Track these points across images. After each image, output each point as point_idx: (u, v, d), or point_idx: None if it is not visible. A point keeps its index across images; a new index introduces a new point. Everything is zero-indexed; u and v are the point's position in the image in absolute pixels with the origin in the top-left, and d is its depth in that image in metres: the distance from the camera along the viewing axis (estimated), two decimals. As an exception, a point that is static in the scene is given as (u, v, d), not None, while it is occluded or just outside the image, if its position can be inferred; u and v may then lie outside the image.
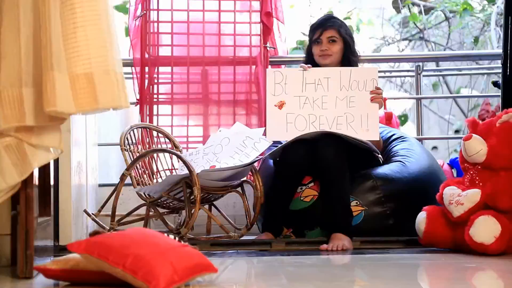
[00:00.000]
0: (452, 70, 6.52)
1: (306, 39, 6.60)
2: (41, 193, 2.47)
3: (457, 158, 3.86)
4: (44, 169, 2.50)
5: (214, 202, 3.47)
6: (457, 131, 8.08)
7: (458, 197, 2.71)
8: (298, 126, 3.25)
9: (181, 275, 1.89)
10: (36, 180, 2.28)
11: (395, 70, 6.79)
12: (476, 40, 5.94)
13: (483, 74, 6.82)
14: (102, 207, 3.35)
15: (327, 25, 3.40)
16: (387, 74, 6.73)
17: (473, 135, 2.80)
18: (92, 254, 1.92)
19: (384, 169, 3.25)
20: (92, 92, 2.10)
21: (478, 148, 2.78)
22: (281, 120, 3.28)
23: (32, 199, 2.20)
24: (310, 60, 3.47)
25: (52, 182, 2.65)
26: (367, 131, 3.21)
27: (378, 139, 3.23)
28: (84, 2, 2.11)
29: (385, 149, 3.51)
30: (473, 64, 6.72)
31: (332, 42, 3.37)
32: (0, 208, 2.37)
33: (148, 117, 4.03)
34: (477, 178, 2.78)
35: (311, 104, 3.27)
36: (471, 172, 2.81)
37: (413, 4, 6.62)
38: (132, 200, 3.87)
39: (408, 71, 6.58)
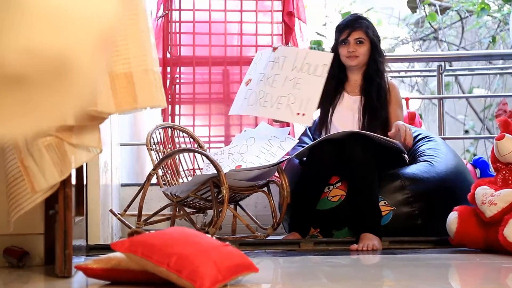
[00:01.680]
0: (466, 70, 6.50)
1: (321, 39, 6.62)
2: (76, 192, 2.47)
3: (480, 158, 3.86)
4: (78, 169, 2.50)
5: (239, 202, 3.47)
6: (466, 131, 8.06)
7: (491, 197, 2.71)
8: (250, 102, 3.30)
9: (224, 274, 1.89)
10: (73, 180, 2.28)
11: (409, 70, 6.77)
12: (494, 39, 5.92)
13: (499, 74, 6.80)
14: (128, 206, 3.35)
15: (355, 26, 3.38)
16: (402, 74, 6.72)
17: (506, 134, 2.79)
18: (136, 253, 1.92)
19: (412, 169, 3.25)
20: (131, 91, 2.11)
21: (511, 147, 2.77)
22: (241, 95, 3.36)
23: (71, 198, 2.20)
24: (336, 60, 3.45)
25: (87, 182, 2.65)
26: (303, 115, 3.18)
27: (310, 125, 3.21)
28: (123, 2, 2.11)
29: (411, 148, 3.50)
30: (486, 64, 6.70)
31: (359, 44, 3.36)
32: (34, 207, 2.37)
33: (170, 117, 4.03)
34: (510, 177, 2.77)
35: (265, 81, 3.30)
36: (504, 172, 2.80)
37: (429, 4, 6.61)
38: (154, 200, 3.87)
39: (422, 70, 6.58)
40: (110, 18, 0.61)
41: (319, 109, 3.43)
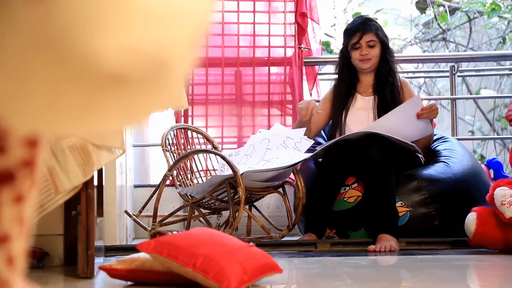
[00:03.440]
0: (473, 71, 6.49)
1: (330, 40, 6.62)
2: (96, 193, 2.47)
3: (494, 158, 3.84)
4: (98, 170, 2.50)
5: (254, 203, 3.46)
6: (472, 132, 8.04)
7: (511, 198, 2.70)
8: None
9: (250, 275, 1.89)
10: (95, 181, 2.28)
11: (417, 71, 6.77)
12: (503, 40, 5.92)
13: (507, 75, 6.79)
14: (143, 207, 3.34)
15: (365, 29, 3.37)
16: (410, 74, 6.71)
17: (526, 135, 2.79)
18: (162, 254, 1.92)
19: (429, 170, 3.24)
20: (154, 92, 2.10)
21: (531, 148, 2.77)
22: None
23: (93, 199, 2.20)
24: (347, 63, 3.45)
25: (103, 183, 2.65)
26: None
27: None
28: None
29: (427, 149, 3.49)
30: (494, 64, 6.68)
31: (371, 47, 3.36)
32: (53, 208, 2.37)
33: (183, 118, 4.03)
34: (530, 178, 2.77)
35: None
36: (523, 173, 2.80)
37: (438, 5, 6.61)
38: (167, 200, 3.87)
39: (430, 71, 6.58)
40: (202, 15, 0.61)
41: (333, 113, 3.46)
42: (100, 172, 2.56)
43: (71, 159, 2.07)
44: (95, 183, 2.35)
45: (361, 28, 3.38)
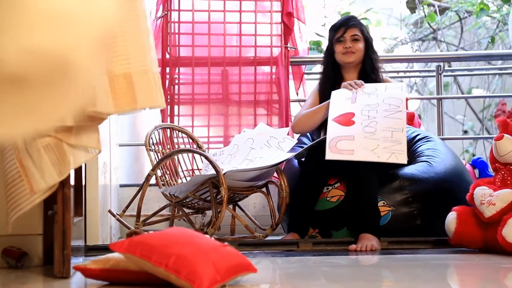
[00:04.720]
0: (465, 70, 6.50)
1: (320, 39, 6.62)
2: (74, 193, 2.46)
3: (479, 158, 3.86)
4: (77, 169, 2.50)
5: (238, 203, 3.47)
6: (465, 132, 8.07)
7: (490, 197, 2.71)
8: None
9: (223, 275, 1.89)
10: (72, 180, 2.28)
11: (408, 71, 6.77)
12: (493, 40, 5.93)
13: (497, 74, 6.80)
14: (127, 207, 3.34)
15: (350, 24, 3.42)
16: (401, 74, 6.72)
17: (505, 135, 2.79)
18: (135, 253, 1.92)
19: (411, 169, 3.25)
20: (131, 92, 2.10)
21: (510, 148, 2.77)
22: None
23: (70, 199, 2.20)
24: (331, 60, 3.47)
25: (85, 183, 2.65)
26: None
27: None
28: (123, 2, 2.11)
29: (410, 149, 3.50)
30: (485, 64, 6.70)
31: (355, 41, 3.39)
32: (32, 208, 2.37)
33: (169, 118, 4.03)
34: (509, 178, 2.77)
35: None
36: (503, 172, 2.80)
37: (428, 4, 6.62)
38: (153, 200, 3.87)
39: (421, 71, 6.58)
40: (109, 18, 0.61)
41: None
42: (79, 171, 2.55)
43: (46, 159, 2.07)
44: (73, 182, 2.35)
45: (345, 23, 3.43)
